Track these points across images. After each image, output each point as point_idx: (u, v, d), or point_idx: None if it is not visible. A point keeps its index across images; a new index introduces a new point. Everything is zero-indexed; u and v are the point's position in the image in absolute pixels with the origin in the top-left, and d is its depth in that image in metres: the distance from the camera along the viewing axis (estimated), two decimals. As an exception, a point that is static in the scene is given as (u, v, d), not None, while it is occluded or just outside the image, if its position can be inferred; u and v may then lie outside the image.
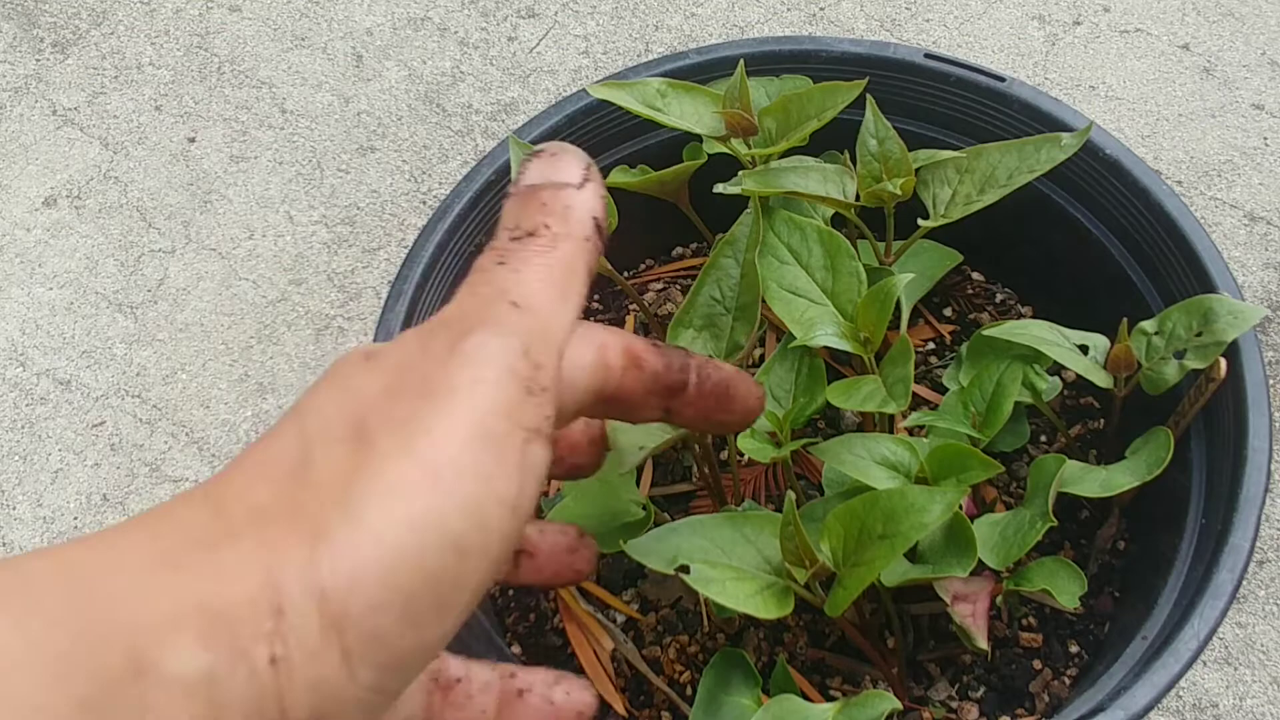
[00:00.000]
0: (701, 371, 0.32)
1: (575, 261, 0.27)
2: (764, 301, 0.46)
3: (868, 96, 0.46)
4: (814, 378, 0.44)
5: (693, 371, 0.32)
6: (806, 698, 0.47)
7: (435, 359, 0.25)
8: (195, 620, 0.22)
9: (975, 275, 0.61)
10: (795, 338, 0.44)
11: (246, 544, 0.23)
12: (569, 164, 0.28)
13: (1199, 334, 0.44)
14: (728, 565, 0.39)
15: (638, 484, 0.53)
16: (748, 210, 0.43)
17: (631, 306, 0.61)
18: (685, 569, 0.37)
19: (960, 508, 0.45)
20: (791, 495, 0.38)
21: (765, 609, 0.37)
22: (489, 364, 0.25)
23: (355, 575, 0.22)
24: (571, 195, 0.28)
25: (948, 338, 0.59)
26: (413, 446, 0.23)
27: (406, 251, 0.50)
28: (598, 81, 0.49)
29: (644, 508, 0.46)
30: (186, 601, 0.22)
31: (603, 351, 0.29)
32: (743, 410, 0.34)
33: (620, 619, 0.51)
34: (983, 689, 0.48)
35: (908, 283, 0.45)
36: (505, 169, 0.51)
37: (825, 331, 0.42)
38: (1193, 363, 0.44)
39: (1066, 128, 0.50)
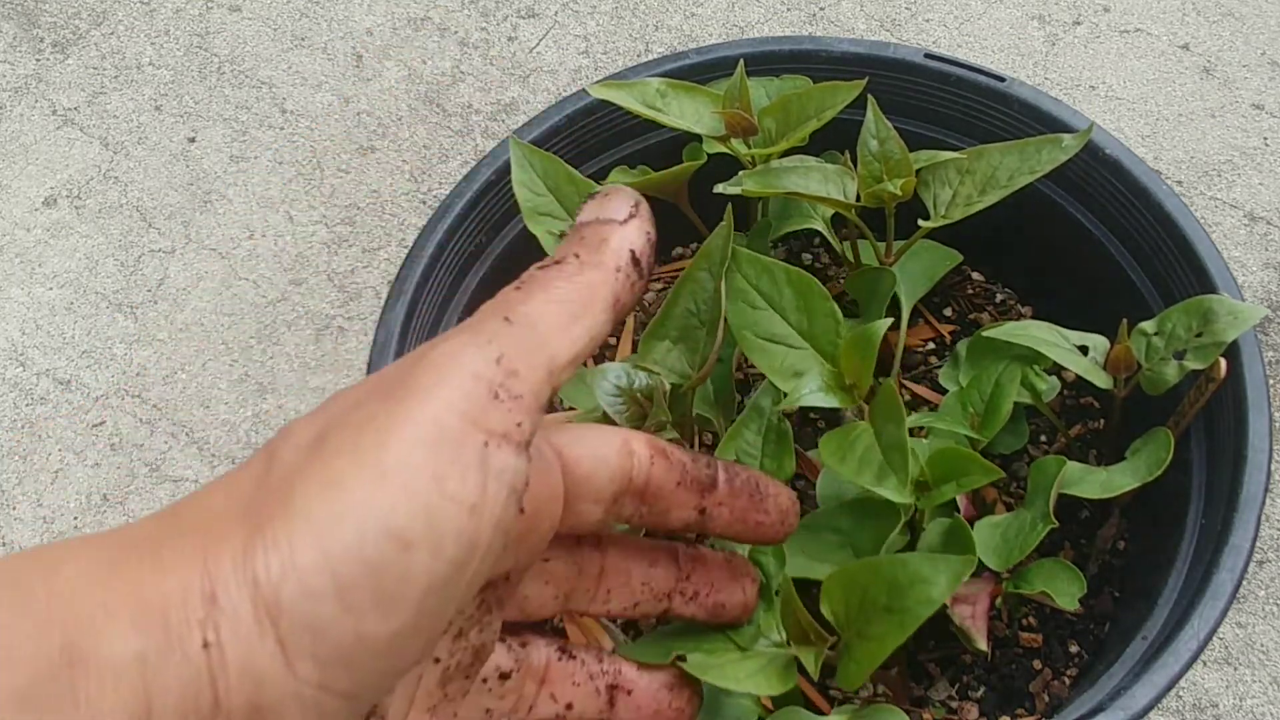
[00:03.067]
0: (730, 469, 0.32)
1: (599, 289, 0.27)
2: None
3: (869, 97, 0.46)
4: (782, 444, 0.43)
5: (720, 468, 0.32)
6: (807, 698, 0.47)
7: (405, 366, 0.25)
8: (129, 609, 0.22)
9: (975, 275, 0.61)
10: (767, 394, 0.43)
11: (189, 541, 0.23)
12: (618, 201, 0.28)
13: (1199, 334, 0.44)
14: (727, 645, 0.37)
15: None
16: (722, 223, 0.42)
17: (631, 306, 0.61)
18: (683, 658, 0.36)
19: (958, 511, 0.45)
20: (787, 576, 0.37)
21: (769, 686, 0.36)
22: (454, 368, 0.24)
23: (288, 562, 0.22)
24: (612, 229, 0.28)
25: (948, 338, 0.59)
26: (360, 444, 0.23)
27: (406, 251, 0.50)
28: (598, 81, 0.49)
29: None
30: (122, 593, 0.22)
31: (626, 441, 0.29)
32: (777, 510, 0.34)
33: (620, 619, 0.51)
34: (983, 689, 0.48)
35: (908, 283, 0.45)
36: (505, 169, 0.51)
37: (810, 387, 0.41)
38: (1193, 363, 0.44)
39: (1067, 128, 0.50)
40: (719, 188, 0.45)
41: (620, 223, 0.28)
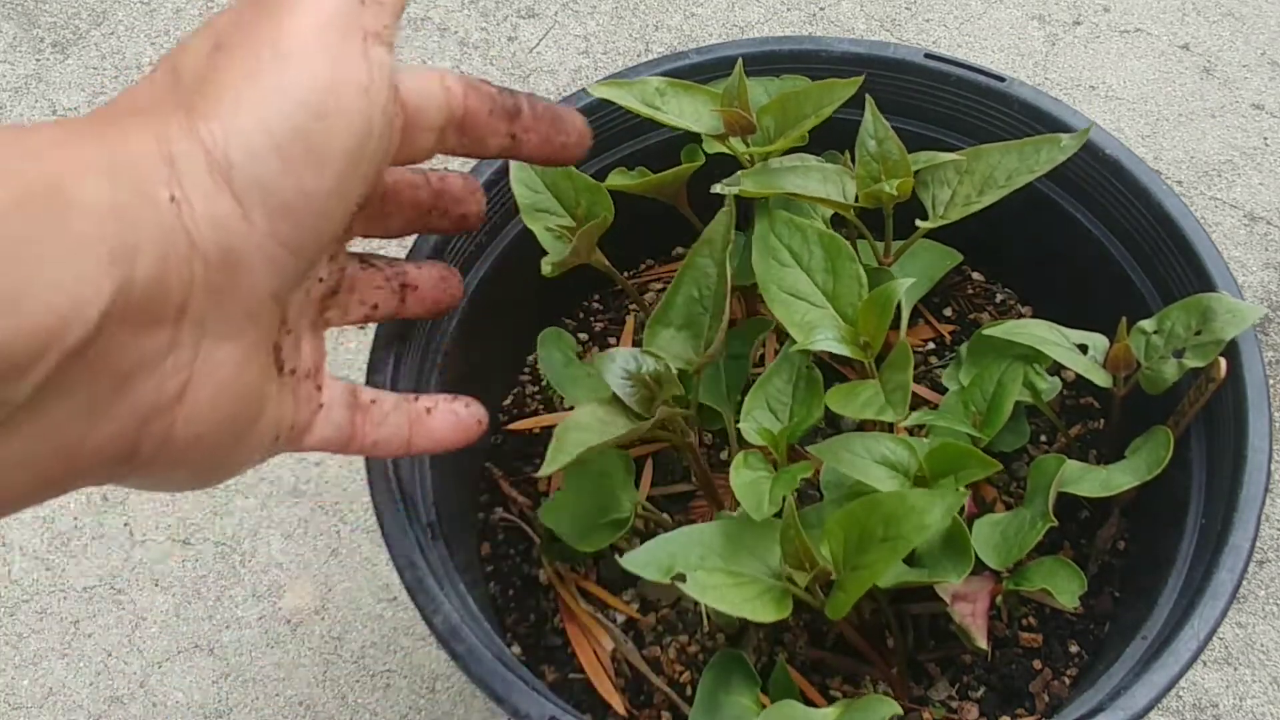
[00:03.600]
0: (530, 99, 0.38)
1: None
2: (762, 303, 0.46)
3: (867, 96, 0.46)
4: (811, 389, 0.44)
5: (523, 97, 0.37)
6: (806, 698, 0.47)
7: None
8: (100, 166, 0.25)
9: (975, 275, 0.61)
10: (793, 344, 0.44)
11: (132, 122, 0.27)
12: None
13: (1198, 333, 0.44)
14: (725, 571, 0.39)
15: (638, 484, 0.53)
16: (723, 209, 0.43)
17: (632, 306, 0.61)
18: (681, 578, 0.37)
19: (961, 511, 0.45)
20: (791, 499, 0.38)
21: (764, 612, 0.37)
22: None
23: (230, 129, 0.27)
24: None
25: (948, 338, 0.59)
26: (259, 41, 0.28)
27: (406, 252, 0.50)
28: (598, 81, 0.49)
29: (633, 506, 0.46)
30: (90, 154, 0.25)
31: (443, 78, 0.35)
32: (576, 131, 0.39)
33: (620, 619, 0.51)
34: (983, 689, 0.48)
35: (910, 283, 0.45)
36: (505, 169, 0.51)
37: (825, 336, 0.42)
38: (1192, 361, 0.44)
39: (1067, 128, 0.50)
40: (716, 188, 0.45)
41: None
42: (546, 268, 0.45)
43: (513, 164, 0.47)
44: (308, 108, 0.27)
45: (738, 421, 0.44)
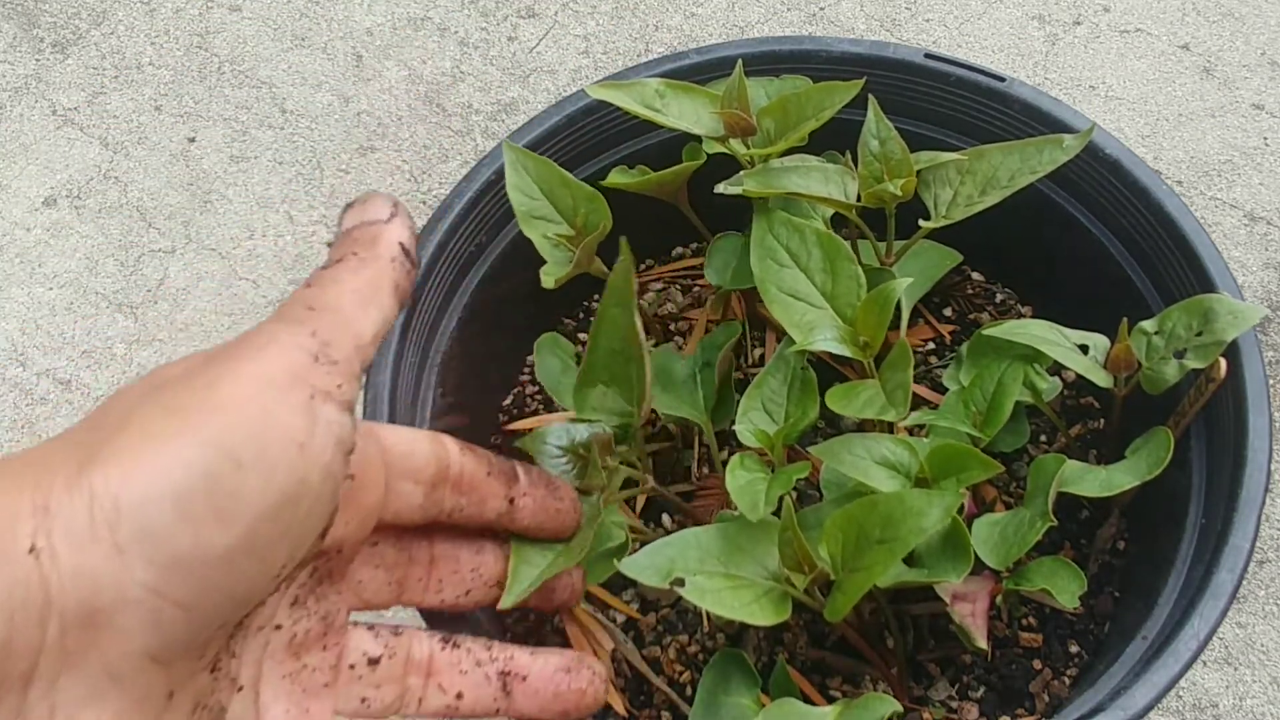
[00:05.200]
0: (523, 465, 0.36)
1: (381, 279, 0.29)
2: (761, 304, 0.46)
3: (870, 97, 0.46)
4: (806, 391, 0.44)
5: (516, 463, 0.36)
6: (806, 698, 0.47)
7: (225, 347, 0.27)
8: None
9: (975, 275, 0.61)
10: (790, 345, 0.44)
11: (20, 472, 0.25)
12: (377, 204, 0.31)
13: (1199, 334, 0.44)
14: (724, 575, 0.39)
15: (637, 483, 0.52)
16: (620, 259, 0.41)
17: (631, 306, 0.61)
18: (680, 582, 0.37)
19: (960, 511, 0.45)
20: (789, 501, 0.38)
21: (763, 616, 0.37)
22: (274, 340, 0.27)
23: (128, 472, 0.24)
24: (379, 228, 0.30)
25: (948, 338, 0.59)
26: (193, 387, 0.26)
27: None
28: (596, 82, 0.49)
29: (625, 534, 0.45)
30: None
31: (438, 437, 0.32)
32: (569, 498, 0.38)
33: (620, 619, 0.51)
34: (983, 689, 0.48)
35: (908, 283, 0.45)
36: (502, 171, 0.51)
37: (825, 336, 0.42)
38: (1193, 362, 0.44)
39: (1067, 128, 0.50)
40: (720, 187, 0.45)
41: (385, 221, 0.30)
42: (548, 280, 0.45)
43: (508, 168, 0.47)
44: (223, 454, 0.25)
45: (731, 424, 0.44)
